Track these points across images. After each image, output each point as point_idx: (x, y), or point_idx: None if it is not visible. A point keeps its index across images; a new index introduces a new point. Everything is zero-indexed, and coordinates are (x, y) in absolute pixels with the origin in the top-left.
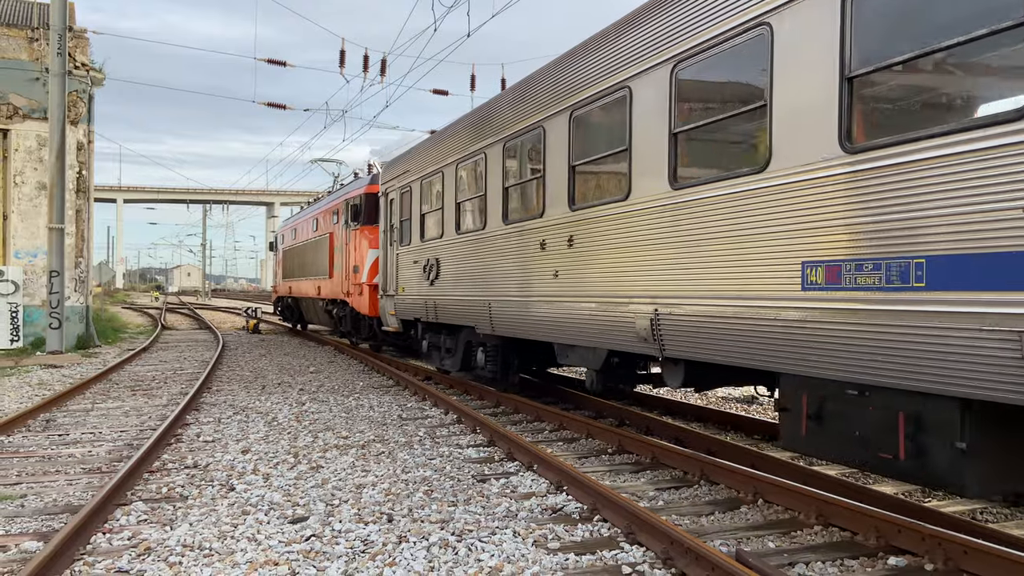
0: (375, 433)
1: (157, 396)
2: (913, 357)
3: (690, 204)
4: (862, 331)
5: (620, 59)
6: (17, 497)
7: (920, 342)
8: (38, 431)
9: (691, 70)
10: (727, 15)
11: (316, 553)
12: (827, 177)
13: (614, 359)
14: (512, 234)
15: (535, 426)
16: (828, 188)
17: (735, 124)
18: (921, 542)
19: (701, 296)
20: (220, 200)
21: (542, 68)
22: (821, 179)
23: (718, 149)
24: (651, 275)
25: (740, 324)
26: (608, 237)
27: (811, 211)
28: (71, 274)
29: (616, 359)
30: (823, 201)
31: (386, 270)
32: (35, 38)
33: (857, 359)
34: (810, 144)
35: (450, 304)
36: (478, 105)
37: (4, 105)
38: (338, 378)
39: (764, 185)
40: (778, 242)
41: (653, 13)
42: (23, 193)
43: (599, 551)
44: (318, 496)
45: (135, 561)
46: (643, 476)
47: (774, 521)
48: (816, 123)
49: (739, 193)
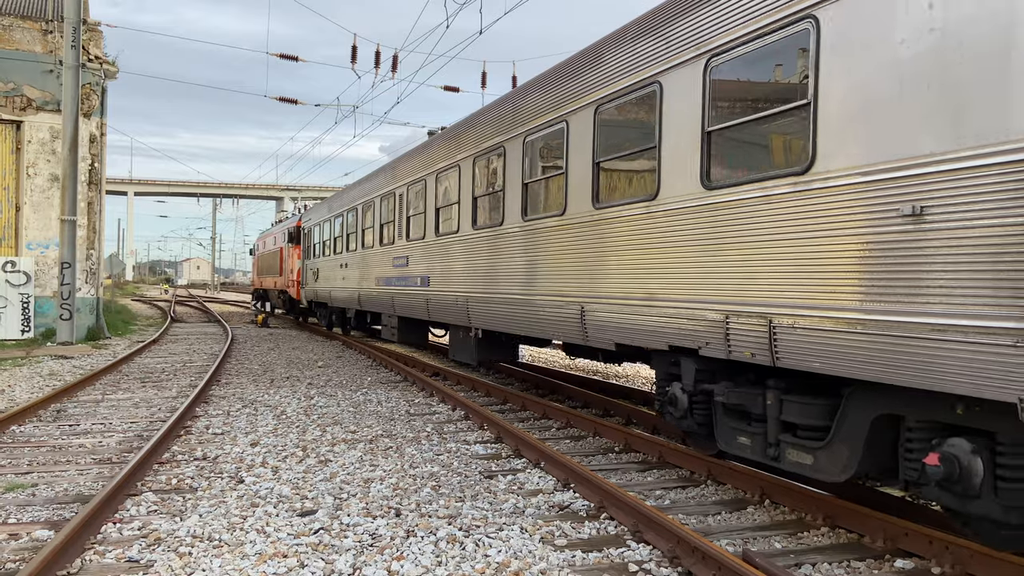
0: (383, 428)
1: (167, 388)
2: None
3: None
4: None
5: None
6: (29, 486)
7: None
8: (49, 421)
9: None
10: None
11: (325, 546)
12: (692, 206)
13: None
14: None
15: (542, 423)
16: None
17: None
18: (929, 545)
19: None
20: (230, 194)
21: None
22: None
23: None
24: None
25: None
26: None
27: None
28: (82, 266)
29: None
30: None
31: (304, 273)
32: (49, 30)
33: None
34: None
35: (320, 291)
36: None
37: (18, 97)
38: (346, 373)
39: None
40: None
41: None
42: (36, 185)
43: (606, 549)
44: (326, 490)
45: (145, 551)
46: (650, 475)
47: (781, 522)
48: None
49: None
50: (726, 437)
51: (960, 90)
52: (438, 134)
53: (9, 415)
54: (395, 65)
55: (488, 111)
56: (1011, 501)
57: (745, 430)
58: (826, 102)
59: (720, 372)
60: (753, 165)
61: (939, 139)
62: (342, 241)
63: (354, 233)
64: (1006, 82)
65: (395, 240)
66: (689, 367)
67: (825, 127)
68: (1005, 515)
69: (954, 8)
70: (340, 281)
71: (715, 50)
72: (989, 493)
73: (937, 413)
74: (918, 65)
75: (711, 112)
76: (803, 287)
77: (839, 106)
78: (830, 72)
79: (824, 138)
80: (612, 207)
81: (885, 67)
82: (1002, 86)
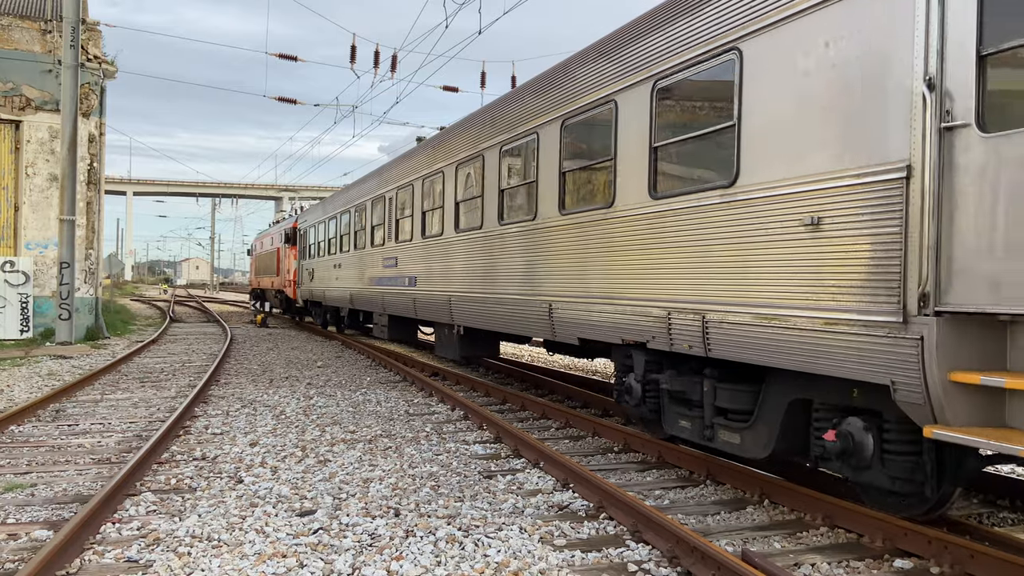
0: (382, 428)
1: (166, 388)
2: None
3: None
4: None
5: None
6: (28, 486)
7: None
8: (48, 421)
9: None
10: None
11: (324, 546)
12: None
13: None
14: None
15: (541, 423)
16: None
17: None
18: (927, 545)
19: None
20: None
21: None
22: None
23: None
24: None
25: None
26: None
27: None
28: (81, 266)
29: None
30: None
31: (300, 273)
32: (48, 30)
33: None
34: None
35: (315, 291)
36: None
37: (17, 96)
38: (345, 373)
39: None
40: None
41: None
42: (34, 184)
43: (605, 548)
44: (325, 490)
45: (144, 551)
46: (649, 475)
47: (780, 522)
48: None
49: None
50: (671, 421)
51: (849, 118)
52: (425, 140)
53: (8, 415)
54: (394, 65)
55: (469, 121)
56: (895, 471)
57: (686, 415)
58: (747, 124)
59: (666, 363)
60: (691, 178)
61: (833, 159)
62: (336, 242)
63: (347, 234)
64: (884, 113)
65: (385, 242)
66: (640, 359)
67: (747, 146)
68: (891, 483)
69: (844, 48)
70: (334, 281)
71: (661, 74)
72: (878, 464)
73: (838, 397)
74: (816, 96)
75: (657, 129)
76: (729, 287)
77: (757, 128)
78: (750, 98)
79: (746, 155)
80: (576, 213)
81: (792, 96)
82: (881, 116)
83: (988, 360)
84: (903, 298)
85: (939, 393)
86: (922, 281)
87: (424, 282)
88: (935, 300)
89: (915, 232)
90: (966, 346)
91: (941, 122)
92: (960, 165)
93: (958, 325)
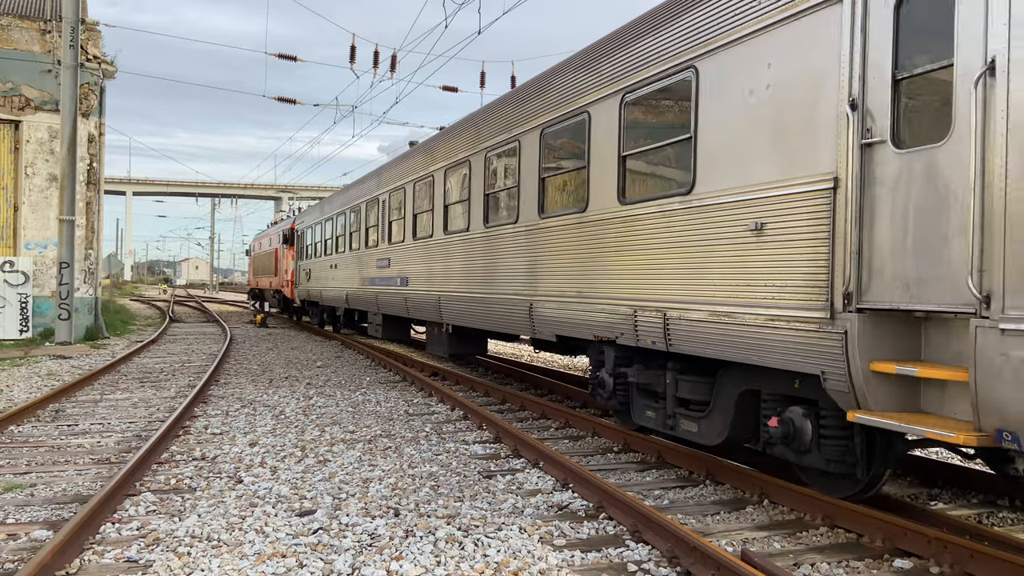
0: (382, 428)
1: (165, 388)
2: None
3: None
4: None
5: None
6: (27, 486)
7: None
8: (47, 421)
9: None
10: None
11: (323, 546)
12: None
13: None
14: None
15: (541, 423)
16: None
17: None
18: (927, 545)
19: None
20: (229, 194)
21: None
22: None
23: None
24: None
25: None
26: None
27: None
28: (80, 266)
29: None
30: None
31: (297, 273)
32: (47, 30)
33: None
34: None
35: (312, 291)
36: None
37: (16, 97)
38: (345, 373)
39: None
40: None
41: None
42: (34, 184)
43: (605, 548)
44: (325, 490)
45: (144, 551)
46: (649, 475)
47: (780, 522)
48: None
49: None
50: (639, 412)
51: (787, 133)
52: (417, 145)
53: (7, 415)
54: (394, 65)
55: (457, 128)
56: (830, 455)
57: (652, 406)
58: (703, 136)
59: (634, 358)
60: (655, 185)
61: (774, 170)
62: (332, 243)
63: (343, 236)
64: (816, 129)
65: (379, 243)
66: (610, 354)
67: (703, 156)
68: (827, 465)
69: (783, 68)
70: (330, 281)
71: (629, 88)
72: (816, 448)
73: (783, 387)
74: (760, 112)
75: (625, 139)
76: (687, 286)
77: (711, 140)
78: (705, 112)
79: (702, 165)
80: (553, 217)
81: (740, 111)
82: (813, 132)
83: (906, 352)
84: (831, 296)
85: (861, 381)
86: (846, 281)
87: (416, 282)
88: (857, 298)
89: (841, 237)
90: (886, 339)
91: (862, 139)
92: (878, 178)
93: (877, 321)
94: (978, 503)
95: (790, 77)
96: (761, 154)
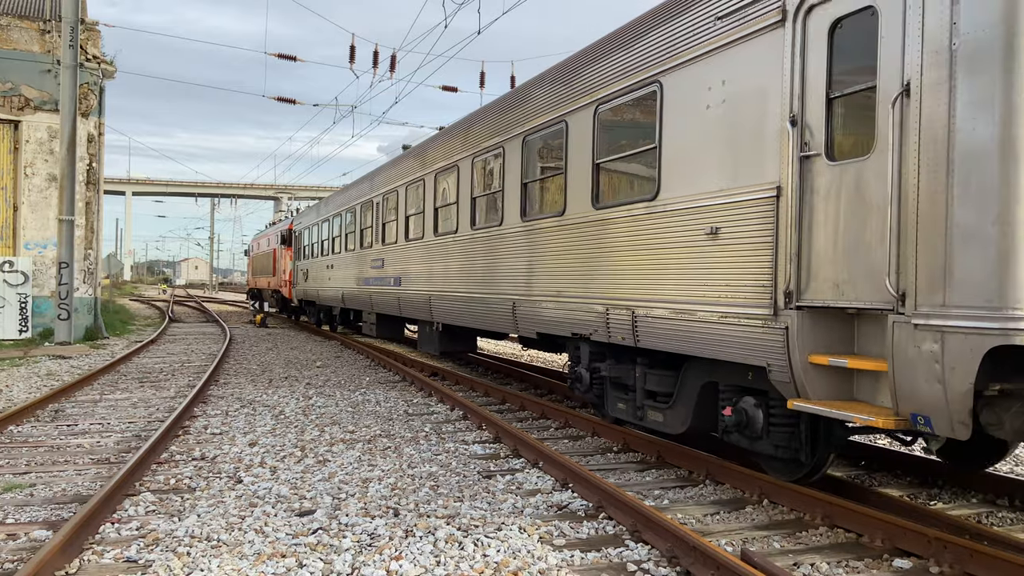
0: (381, 428)
1: (165, 388)
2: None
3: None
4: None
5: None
6: (27, 486)
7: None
8: (47, 421)
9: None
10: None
11: (323, 546)
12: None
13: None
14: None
15: (540, 423)
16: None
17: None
18: (927, 545)
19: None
20: (228, 194)
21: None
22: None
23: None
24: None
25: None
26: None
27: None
28: (80, 266)
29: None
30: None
31: (295, 273)
32: (47, 30)
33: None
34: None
35: (309, 291)
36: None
37: (15, 97)
38: (344, 373)
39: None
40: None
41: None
42: (33, 184)
43: (604, 548)
44: (325, 489)
45: (144, 551)
46: (648, 474)
47: (779, 521)
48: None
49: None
50: (612, 404)
51: (738, 144)
52: (409, 149)
53: (7, 415)
54: (393, 65)
55: (446, 134)
56: (777, 441)
57: (623, 398)
58: (666, 147)
59: (607, 353)
60: (625, 191)
61: (728, 178)
62: (329, 244)
63: (339, 236)
64: (762, 142)
65: (373, 244)
66: (586, 350)
67: (666, 165)
68: (776, 451)
69: (736, 85)
70: (327, 281)
71: (602, 99)
72: (766, 435)
73: (738, 379)
74: (716, 124)
75: (599, 147)
76: (652, 285)
77: (674, 150)
78: (668, 124)
79: (665, 173)
80: (534, 220)
81: (698, 123)
82: (760, 144)
83: (842, 346)
84: (774, 295)
85: (800, 372)
86: (787, 281)
87: (407, 282)
88: (796, 296)
89: (783, 241)
90: (822, 334)
91: (801, 151)
92: (814, 187)
93: (815, 317)
94: (978, 503)
95: (742, 93)
96: (717, 163)
